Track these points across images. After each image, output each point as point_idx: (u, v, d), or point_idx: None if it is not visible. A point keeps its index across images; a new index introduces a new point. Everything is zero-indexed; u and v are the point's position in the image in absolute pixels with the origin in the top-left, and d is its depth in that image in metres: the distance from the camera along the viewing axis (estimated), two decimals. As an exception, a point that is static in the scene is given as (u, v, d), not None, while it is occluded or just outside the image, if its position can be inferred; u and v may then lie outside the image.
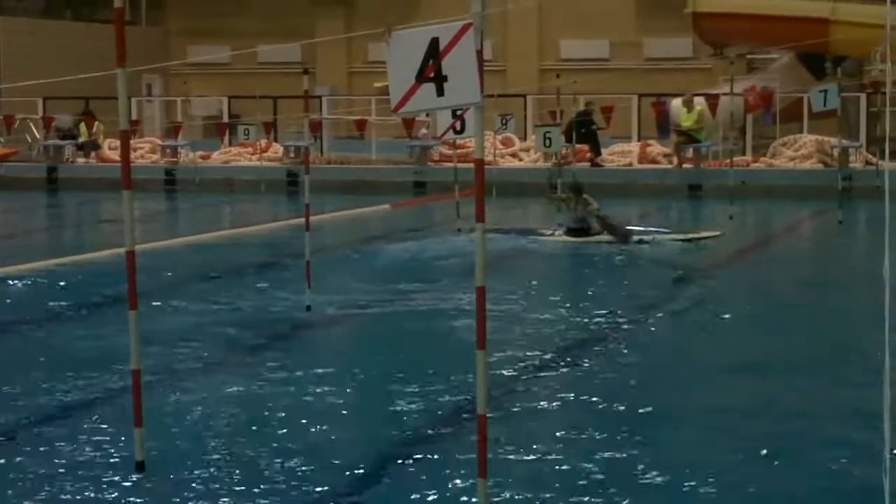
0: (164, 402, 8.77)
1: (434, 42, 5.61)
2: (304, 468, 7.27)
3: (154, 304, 12.77)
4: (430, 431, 8.19)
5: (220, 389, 9.24)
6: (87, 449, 7.65)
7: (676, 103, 29.63)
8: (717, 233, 18.91)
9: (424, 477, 7.15)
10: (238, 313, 12.55)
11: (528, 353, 10.52)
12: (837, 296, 14.27)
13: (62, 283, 14.59)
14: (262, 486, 6.91)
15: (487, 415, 5.80)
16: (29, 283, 14.70)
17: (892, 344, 4.89)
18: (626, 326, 12.00)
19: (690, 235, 18.53)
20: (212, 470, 7.19)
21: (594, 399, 8.98)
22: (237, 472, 7.17)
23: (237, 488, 6.88)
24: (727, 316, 12.64)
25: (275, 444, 7.72)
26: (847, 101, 26.43)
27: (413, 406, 8.75)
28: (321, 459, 7.43)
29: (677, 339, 11.58)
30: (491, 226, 18.27)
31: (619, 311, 12.63)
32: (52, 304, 13.27)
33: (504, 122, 28.82)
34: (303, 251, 12.47)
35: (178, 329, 11.62)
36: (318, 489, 6.93)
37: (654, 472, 7.16)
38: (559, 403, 8.90)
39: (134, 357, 6.85)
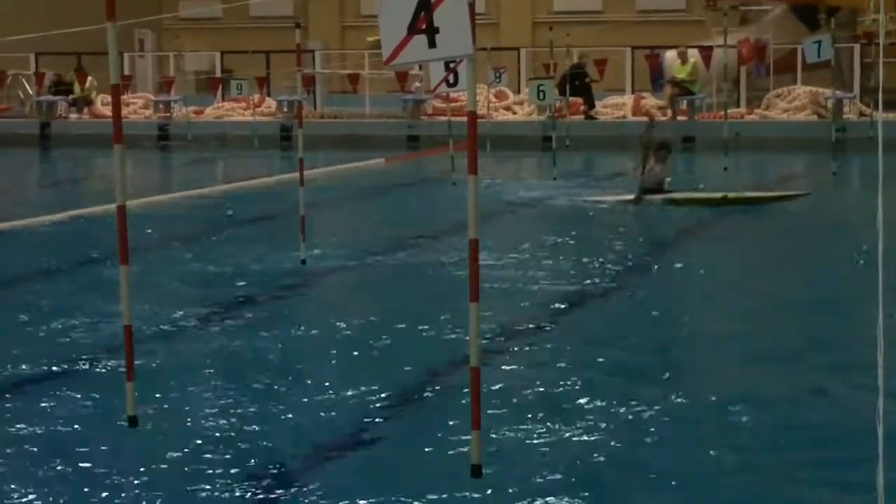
0: (157, 356, 8.78)
1: (426, -7, 5.60)
2: (296, 422, 7.28)
3: (147, 259, 12.77)
4: (426, 382, 8.22)
5: (214, 344, 9.25)
6: (79, 404, 7.66)
7: (671, 55, 29.56)
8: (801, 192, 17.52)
9: (419, 428, 7.19)
10: (233, 268, 12.54)
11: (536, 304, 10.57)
12: (828, 245, 14.29)
13: (54, 239, 14.58)
14: (256, 441, 6.93)
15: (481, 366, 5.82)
16: (21, 238, 14.69)
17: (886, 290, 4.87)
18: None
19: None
20: (206, 425, 7.20)
21: (600, 348, 9.02)
22: (231, 427, 7.17)
23: (232, 443, 6.89)
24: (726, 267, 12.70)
25: (270, 398, 7.74)
26: (841, 53, 26.38)
27: (409, 357, 8.76)
28: (314, 413, 7.45)
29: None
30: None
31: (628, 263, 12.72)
32: (44, 259, 13.25)
33: (497, 75, 28.75)
34: (297, 206, 12.47)
35: (172, 284, 11.63)
36: (309, 442, 6.96)
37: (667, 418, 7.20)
38: (560, 353, 8.91)
39: (126, 312, 6.84)
